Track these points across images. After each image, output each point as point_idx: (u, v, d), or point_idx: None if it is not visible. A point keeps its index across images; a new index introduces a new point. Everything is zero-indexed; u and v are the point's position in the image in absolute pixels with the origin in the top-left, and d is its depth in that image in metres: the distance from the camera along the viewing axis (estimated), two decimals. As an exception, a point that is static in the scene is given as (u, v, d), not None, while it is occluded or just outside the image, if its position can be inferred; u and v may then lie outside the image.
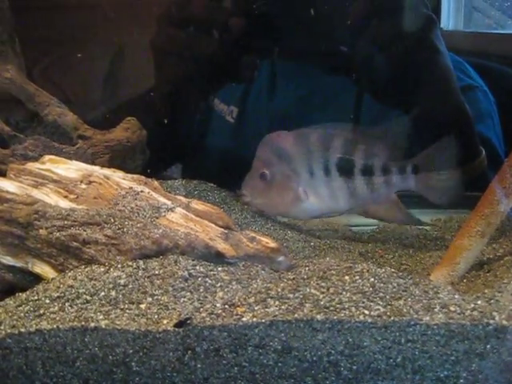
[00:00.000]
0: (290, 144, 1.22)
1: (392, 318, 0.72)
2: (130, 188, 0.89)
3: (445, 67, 1.50)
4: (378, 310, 0.74)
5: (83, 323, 0.74)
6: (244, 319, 0.73)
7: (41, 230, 0.85)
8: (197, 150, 1.63)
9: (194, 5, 1.49)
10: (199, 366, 0.73)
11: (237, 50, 1.49)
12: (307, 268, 0.83)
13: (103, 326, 0.73)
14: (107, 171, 0.93)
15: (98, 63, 1.69)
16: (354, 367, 0.73)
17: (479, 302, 0.76)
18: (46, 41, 1.59)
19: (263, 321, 0.72)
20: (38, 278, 0.87)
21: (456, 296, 0.77)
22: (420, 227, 1.26)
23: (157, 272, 0.79)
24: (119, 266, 0.81)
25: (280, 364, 0.73)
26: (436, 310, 0.74)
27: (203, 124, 1.63)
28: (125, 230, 0.83)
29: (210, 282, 0.79)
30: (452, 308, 0.74)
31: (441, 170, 1.23)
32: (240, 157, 1.56)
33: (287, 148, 1.22)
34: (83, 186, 0.90)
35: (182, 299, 0.76)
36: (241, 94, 1.61)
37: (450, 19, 1.97)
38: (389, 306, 0.74)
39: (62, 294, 0.79)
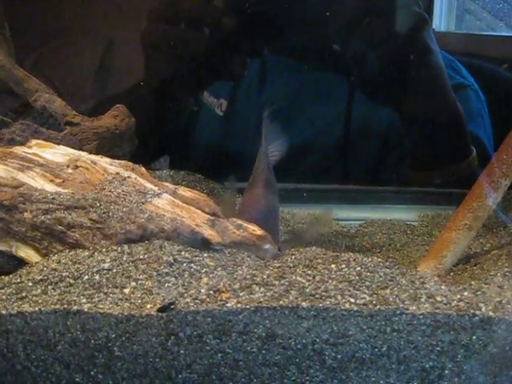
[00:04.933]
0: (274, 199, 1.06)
1: (378, 307, 0.72)
2: (117, 173, 0.88)
3: (437, 66, 1.51)
4: (364, 298, 0.73)
5: (66, 306, 0.73)
6: (228, 305, 0.72)
7: (25, 214, 0.84)
8: (185, 143, 1.63)
9: (185, 2, 1.49)
10: (182, 351, 0.72)
11: (227, 48, 1.49)
12: (293, 256, 0.83)
13: (86, 310, 0.73)
14: (94, 156, 0.92)
15: (89, 56, 1.69)
16: (339, 356, 0.72)
17: (466, 293, 0.76)
18: (37, 33, 1.59)
19: (248, 307, 0.72)
20: (21, 263, 0.86)
21: (443, 287, 0.77)
22: (408, 222, 1.26)
23: (141, 257, 0.79)
24: (104, 250, 0.80)
25: (264, 351, 0.72)
26: (422, 299, 0.74)
27: (192, 117, 1.63)
28: (110, 214, 0.82)
29: (195, 267, 0.78)
30: (438, 298, 0.74)
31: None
32: (228, 150, 1.56)
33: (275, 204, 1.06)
34: (70, 170, 0.89)
35: (167, 284, 0.76)
36: (231, 87, 1.60)
37: (442, 20, 1.97)
38: (375, 295, 0.74)
39: (45, 277, 0.78)
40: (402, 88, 1.50)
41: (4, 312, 0.73)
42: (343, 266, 0.79)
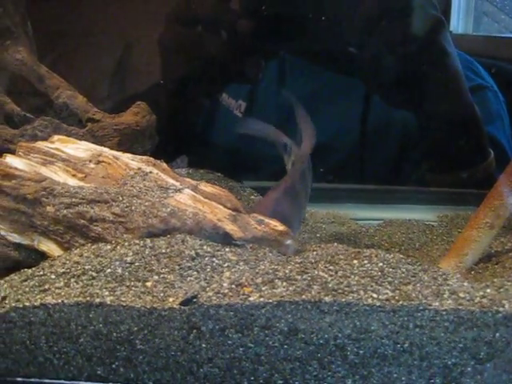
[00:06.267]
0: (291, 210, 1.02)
1: (400, 303, 0.72)
2: (139, 169, 0.89)
3: (453, 69, 1.51)
4: (387, 294, 0.73)
5: (88, 299, 0.73)
6: (251, 299, 0.72)
7: (48, 207, 0.84)
8: (204, 144, 1.63)
9: (202, 4, 1.50)
10: (204, 345, 0.72)
11: (243, 51, 1.49)
12: (315, 252, 0.82)
13: (108, 303, 0.73)
14: (116, 152, 0.92)
15: (106, 58, 1.70)
16: (361, 352, 0.72)
17: (489, 290, 0.75)
18: (54, 34, 1.60)
19: (270, 301, 0.71)
20: (43, 257, 0.86)
21: (465, 283, 0.76)
22: (427, 222, 1.25)
23: (164, 251, 0.79)
24: (126, 243, 0.80)
25: (286, 346, 0.72)
26: (445, 296, 0.73)
27: (211, 118, 1.64)
28: (133, 208, 0.83)
29: (217, 261, 0.78)
30: (461, 295, 0.73)
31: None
32: (247, 151, 1.56)
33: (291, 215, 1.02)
34: (92, 165, 0.89)
35: (189, 278, 0.76)
36: (249, 88, 1.61)
37: (459, 22, 1.97)
38: (397, 291, 0.73)
39: (68, 270, 0.78)
40: (418, 91, 1.50)
41: (27, 304, 0.74)
42: (365, 261, 0.79)
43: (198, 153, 1.61)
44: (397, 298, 0.72)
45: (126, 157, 0.91)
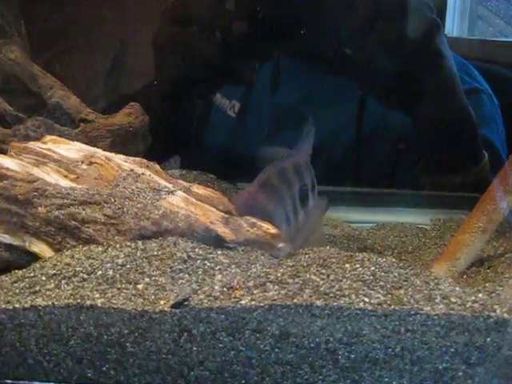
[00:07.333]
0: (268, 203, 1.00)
1: (392, 307, 0.72)
2: (132, 170, 0.88)
3: (449, 71, 1.51)
4: (378, 298, 0.73)
5: (79, 301, 0.73)
6: (242, 302, 0.72)
7: (40, 208, 0.84)
8: (197, 144, 1.63)
9: (197, 5, 1.50)
10: (195, 348, 0.72)
11: (237, 52, 1.49)
12: (307, 256, 0.82)
13: (99, 305, 0.73)
14: (109, 153, 0.92)
15: (100, 58, 1.70)
16: (352, 356, 0.72)
17: (480, 295, 0.75)
18: (48, 34, 1.59)
19: (262, 305, 0.71)
20: (34, 258, 0.86)
21: (457, 288, 0.76)
22: (420, 226, 1.25)
23: (155, 253, 0.79)
24: (118, 245, 0.80)
25: (277, 350, 0.72)
26: (437, 300, 0.73)
27: (204, 118, 1.63)
28: (124, 210, 0.82)
29: (208, 264, 0.78)
30: (453, 299, 0.73)
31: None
32: (240, 152, 1.56)
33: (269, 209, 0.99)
34: (84, 166, 0.89)
35: (180, 281, 0.75)
36: (243, 89, 1.61)
37: (454, 26, 1.98)
38: (389, 295, 0.73)
39: (59, 272, 0.78)
40: (413, 93, 1.50)
41: (17, 306, 0.73)
42: (357, 265, 0.78)
43: (191, 153, 1.60)
44: (388, 302, 0.72)
45: (119, 158, 0.91)
